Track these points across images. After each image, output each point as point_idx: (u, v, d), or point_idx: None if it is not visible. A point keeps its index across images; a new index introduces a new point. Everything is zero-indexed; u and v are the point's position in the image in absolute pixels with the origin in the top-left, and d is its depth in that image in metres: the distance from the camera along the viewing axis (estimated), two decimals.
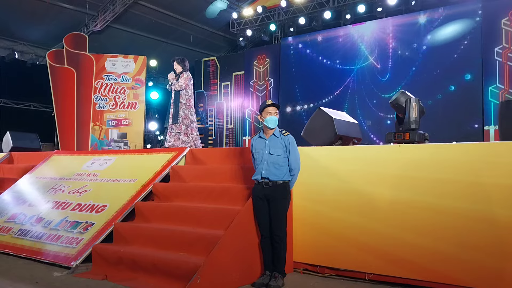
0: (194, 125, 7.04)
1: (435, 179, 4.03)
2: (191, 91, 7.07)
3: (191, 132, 6.94)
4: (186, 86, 6.95)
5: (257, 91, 15.32)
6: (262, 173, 4.25)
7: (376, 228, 4.25)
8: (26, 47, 14.89)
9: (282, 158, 4.25)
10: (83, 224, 5.22)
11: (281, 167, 4.24)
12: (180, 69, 7.05)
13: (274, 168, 4.22)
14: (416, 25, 12.06)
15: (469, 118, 10.90)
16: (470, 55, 11.03)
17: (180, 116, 6.91)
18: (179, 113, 6.92)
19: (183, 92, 6.95)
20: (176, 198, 5.34)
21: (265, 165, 4.25)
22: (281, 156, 4.25)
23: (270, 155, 4.25)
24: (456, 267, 3.85)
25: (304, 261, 4.66)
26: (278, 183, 4.22)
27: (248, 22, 15.72)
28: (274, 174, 4.21)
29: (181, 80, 6.92)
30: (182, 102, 6.93)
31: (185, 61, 7.12)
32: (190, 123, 6.95)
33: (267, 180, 4.22)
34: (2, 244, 5.43)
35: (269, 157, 4.25)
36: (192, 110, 7.04)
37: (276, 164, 4.23)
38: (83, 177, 6.40)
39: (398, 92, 5.14)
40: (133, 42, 15.57)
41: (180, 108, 6.92)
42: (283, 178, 4.23)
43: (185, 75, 6.98)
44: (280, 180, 4.22)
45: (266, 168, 4.24)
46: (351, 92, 13.01)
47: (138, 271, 4.29)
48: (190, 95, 7.05)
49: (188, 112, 6.96)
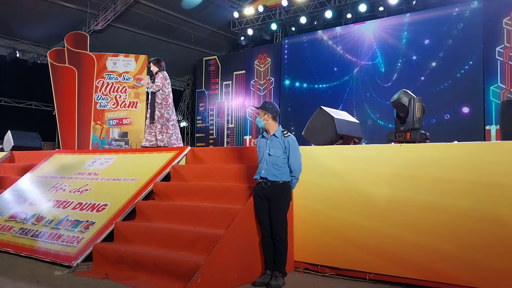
0: (171, 123, 7.18)
1: (436, 179, 4.03)
2: (168, 90, 7.23)
3: (166, 131, 7.09)
4: (162, 85, 7.13)
5: (258, 90, 15.32)
6: (261, 172, 4.26)
7: (376, 227, 4.24)
8: (27, 46, 14.90)
9: (281, 159, 4.24)
10: (84, 223, 5.22)
11: (281, 167, 4.23)
12: (156, 69, 7.28)
13: (273, 168, 4.23)
14: (417, 24, 12.04)
15: (470, 117, 10.90)
16: (472, 55, 11.01)
17: (156, 116, 7.09)
18: (155, 112, 7.11)
19: (159, 92, 7.13)
20: (177, 197, 5.34)
21: (265, 164, 4.26)
22: (280, 157, 4.24)
23: (269, 156, 4.26)
24: (456, 266, 3.85)
25: (305, 260, 4.66)
26: (277, 183, 4.22)
27: (249, 21, 15.72)
28: (273, 174, 4.21)
29: (158, 81, 7.13)
30: (158, 102, 7.11)
31: (160, 62, 7.37)
32: (165, 122, 7.11)
33: (266, 180, 4.23)
34: (3, 243, 5.44)
35: (268, 158, 4.26)
36: (169, 108, 7.20)
37: (275, 165, 4.23)
38: (84, 176, 6.40)
39: (400, 91, 5.11)
40: (134, 41, 15.57)
41: (156, 108, 7.11)
42: (282, 179, 4.23)
43: (161, 75, 7.18)
44: (279, 180, 4.22)
45: (265, 168, 4.25)
46: (349, 91, 13.00)
47: (139, 270, 4.29)
48: (167, 94, 7.20)
49: (164, 111, 7.12)
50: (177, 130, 7.26)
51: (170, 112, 7.18)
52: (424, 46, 11.89)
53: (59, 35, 14.28)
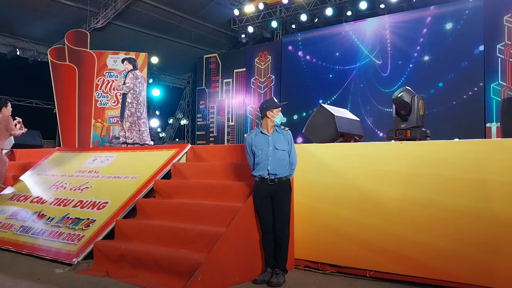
0: (142, 121, 7.47)
1: (436, 176, 4.03)
2: (139, 89, 7.44)
3: (138, 128, 7.37)
4: (134, 85, 7.34)
5: (258, 88, 15.30)
6: (268, 169, 4.22)
7: (377, 225, 4.25)
8: (28, 44, 14.88)
9: (286, 153, 4.27)
10: (85, 221, 5.23)
11: (285, 161, 4.27)
12: (129, 68, 7.48)
13: (279, 164, 4.23)
14: (418, 21, 12.01)
15: (470, 115, 10.88)
16: (472, 52, 10.98)
17: (126, 114, 7.35)
18: (126, 111, 7.37)
19: (130, 92, 7.36)
20: (178, 195, 5.34)
21: (271, 161, 4.23)
22: (286, 151, 4.27)
23: (276, 151, 4.24)
24: (457, 264, 3.85)
25: (305, 258, 4.66)
26: (283, 179, 4.23)
27: (249, 19, 15.69)
28: (281, 170, 4.23)
29: (128, 81, 7.35)
30: (128, 101, 7.35)
31: (133, 61, 7.63)
32: (136, 120, 7.37)
33: (274, 176, 4.21)
34: (4, 241, 5.45)
35: (274, 153, 4.24)
36: (140, 107, 7.44)
37: (281, 160, 4.24)
38: (84, 174, 6.40)
39: (401, 88, 5.09)
40: (135, 39, 15.54)
41: (126, 107, 7.36)
42: (286, 174, 4.26)
43: (131, 75, 7.39)
44: (284, 176, 4.24)
45: (272, 165, 4.22)
46: (353, 88, 12.98)
47: (140, 268, 4.30)
48: (138, 93, 7.43)
49: (134, 110, 7.36)
50: (147, 127, 7.61)
51: (141, 110, 7.47)
52: (424, 43, 11.85)
53: (59, 33, 14.26)
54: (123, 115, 7.37)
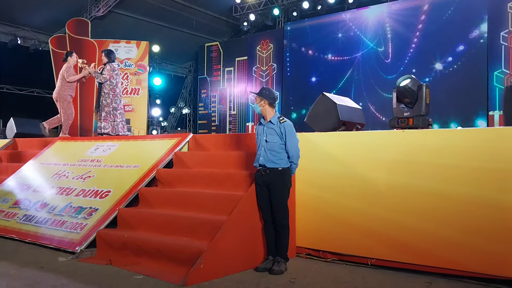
0: (119, 112, 7.78)
1: (439, 165, 4.02)
2: (116, 80, 7.75)
3: (113, 119, 7.66)
4: (110, 77, 7.65)
5: (260, 76, 15.24)
6: (260, 160, 4.27)
7: (379, 213, 4.25)
8: (29, 33, 14.82)
9: (278, 145, 4.23)
10: (87, 209, 5.25)
11: (278, 153, 4.23)
12: (106, 60, 7.75)
13: (271, 155, 4.22)
14: (421, 8, 11.89)
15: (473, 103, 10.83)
16: (476, 40, 10.89)
17: (102, 104, 7.67)
18: (101, 101, 7.68)
19: (107, 83, 7.67)
20: (180, 184, 5.35)
21: (263, 151, 4.27)
22: (277, 143, 4.23)
23: (266, 142, 4.26)
24: (459, 253, 3.86)
25: (307, 246, 4.68)
26: (277, 170, 4.22)
27: (251, 7, 15.57)
28: (272, 161, 4.21)
29: (105, 72, 7.67)
30: (105, 92, 7.69)
31: (110, 54, 7.90)
32: (111, 110, 7.67)
33: (265, 167, 4.23)
34: (7, 230, 5.48)
35: (266, 144, 4.26)
36: (117, 98, 7.77)
37: (272, 151, 4.23)
38: (87, 163, 6.41)
39: (406, 76, 5.01)
40: (136, 27, 15.46)
41: (102, 97, 7.68)
42: (281, 165, 4.23)
43: (108, 67, 7.68)
44: (278, 167, 4.22)
45: (263, 155, 4.26)
46: (357, 77, 12.91)
47: (142, 256, 4.33)
48: (115, 84, 7.74)
49: (110, 101, 7.69)
50: (123, 118, 7.87)
51: (118, 101, 7.77)
52: (427, 31, 11.74)
53: (60, 22, 14.18)
54: (99, 105, 7.67)
